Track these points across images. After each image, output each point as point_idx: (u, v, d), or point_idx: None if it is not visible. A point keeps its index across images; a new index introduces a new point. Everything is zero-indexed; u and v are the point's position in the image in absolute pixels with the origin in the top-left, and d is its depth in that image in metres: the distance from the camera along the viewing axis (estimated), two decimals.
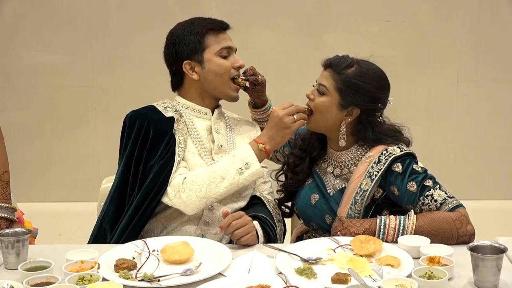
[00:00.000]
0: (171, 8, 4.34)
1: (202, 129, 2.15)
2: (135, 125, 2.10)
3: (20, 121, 4.54)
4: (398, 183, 1.98)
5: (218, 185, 2.00)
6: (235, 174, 2.00)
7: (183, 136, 2.10)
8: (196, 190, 1.99)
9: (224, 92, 2.15)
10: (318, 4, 4.35)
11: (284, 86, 4.25)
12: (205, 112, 2.17)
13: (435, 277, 1.60)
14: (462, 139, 4.45)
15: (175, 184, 2.01)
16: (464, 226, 1.89)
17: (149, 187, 2.02)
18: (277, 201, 2.27)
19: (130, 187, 2.08)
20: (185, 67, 2.13)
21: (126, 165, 2.09)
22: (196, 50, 2.12)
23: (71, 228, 3.94)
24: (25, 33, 4.42)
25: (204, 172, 2.02)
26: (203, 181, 2.00)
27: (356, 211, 2.01)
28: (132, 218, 2.03)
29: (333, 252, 1.86)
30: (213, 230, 2.10)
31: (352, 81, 2.01)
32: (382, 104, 2.06)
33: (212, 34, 2.13)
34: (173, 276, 1.70)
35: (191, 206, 2.00)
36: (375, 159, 2.00)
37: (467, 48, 4.33)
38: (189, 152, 2.10)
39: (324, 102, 2.03)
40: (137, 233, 2.03)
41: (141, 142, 2.08)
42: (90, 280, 1.61)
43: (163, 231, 2.08)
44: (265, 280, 1.64)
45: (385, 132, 2.06)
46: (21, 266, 1.68)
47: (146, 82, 4.25)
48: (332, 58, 2.06)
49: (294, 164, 2.19)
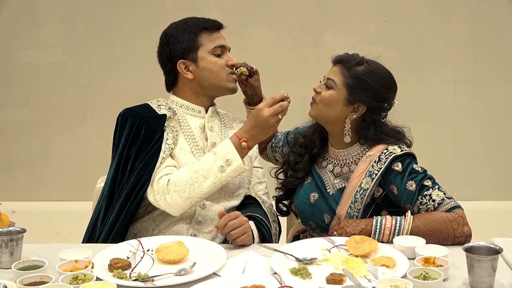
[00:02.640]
0: (168, 7, 4.34)
1: (196, 127, 2.15)
2: (127, 123, 2.10)
3: (17, 120, 4.54)
4: (397, 182, 1.99)
5: (201, 184, 1.99)
6: (217, 172, 1.99)
7: (173, 133, 2.10)
8: (180, 191, 1.99)
9: (221, 86, 2.15)
10: (316, 4, 4.34)
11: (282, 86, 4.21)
12: (199, 110, 2.17)
13: (430, 278, 1.59)
14: (460, 139, 4.45)
15: (160, 186, 2.00)
16: (460, 227, 1.89)
17: (132, 183, 2.03)
18: (275, 198, 2.27)
19: (118, 184, 2.08)
20: (180, 66, 2.13)
21: (118, 163, 2.10)
22: (190, 48, 2.12)
23: (68, 227, 3.93)
24: (22, 32, 4.41)
25: (186, 172, 2.01)
26: (185, 182, 1.99)
27: (355, 210, 2.01)
28: (118, 216, 2.03)
29: (328, 252, 1.85)
30: (205, 229, 2.10)
31: (361, 77, 2.02)
32: (388, 104, 2.07)
33: (206, 33, 2.14)
34: (167, 276, 1.69)
35: (176, 207, 2.00)
36: (376, 158, 2.01)
37: (465, 49, 4.33)
38: (180, 150, 2.10)
39: (332, 94, 2.04)
40: (124, 230, 2.03)
41: (132, 140, 2.08)
42: (83, 279, 1.61)
43: (155, 230, 2.08)
44: (259, 280, 1.64)
45: (387, 133, 2.07)
46: (14, 265, 1.67)
47: (143, 81, 4.24)
48: (342, 54, 2.08)
49: (294, 162, 2.19)
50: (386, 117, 2.10)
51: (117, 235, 2.01)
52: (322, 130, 2.15)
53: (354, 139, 2.09)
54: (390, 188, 2.01)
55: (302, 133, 2.22)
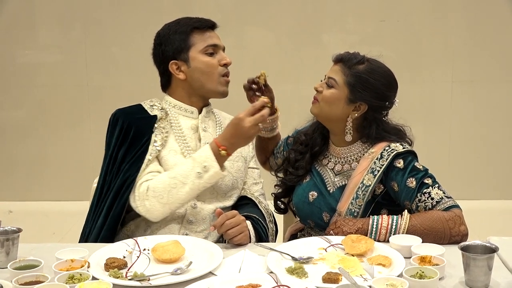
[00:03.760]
0: (166, 7, 4.33)
1: (187, 127, 2.14)
2: (118, 124, 2.10)
3: (14, 120, 4.53)
4: (398, 178, 1.99)
5: (180, 190, 1.98)
6: (195, 178, 1.97)
7: (162, 134, 2.09)
8: (158, 197, 1.98)
9: (212, 88, 2.13)
10: (314, 4, 4.34)
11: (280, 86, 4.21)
12: (192, 111, 2.16)
13: (426, 277, 1.59)
14: (457, 139, 4.45)
15: (141, 192, 2.00)
16: (457, 226, 1.89)
17: (118, 185, 2.03)
18: (273, 196, 2.27)
19: (106, 185, 2.08)
20: (172, 67, 2.12)
21: (107, 164, 2.10)
22: (181, 49, 2.10)
23: (65, 226, 3.93)
24: (19, 32, 4.40)
25: (165, 178, 2.00)
26: (164, 188, 1.98)
27: (357, 206, 2.02)
28: (105, 217, 2.03)
29: (325, 251, 1.85)
30: (197, 228, 2.09)
31: (362, 76, 2.03)
32: (390, 103, 2.08)
33: (198, 32, 2.12)
34: (163, 275, 1.69)
35: (155, 213, 2.00)
36: (378, 155, 2.02)
37: (462, 48, 4.33)
38: (170, 152, 2.08)
39: (333, 93, 2.04)
40: (111, 232, 2.03)
41: (121, 141, 2.08)
42: (79, 279, 1.61)
43: (147, 230, 2.07)
44: (256, 279, 1.64)
45: (389, 131, 2.08)
46: (10, 265, 1.67)
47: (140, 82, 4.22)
48: (343, 53, 2.09)
49: (295, 159, 2.19)
50: (387, 115, 2.11)
51: (105, 237, 2.01)
52: (323, 128, 2.16)
53: (355, 137, 2.09)
54: (391, 184, 2.02)
55: (303, 131, 2.23)
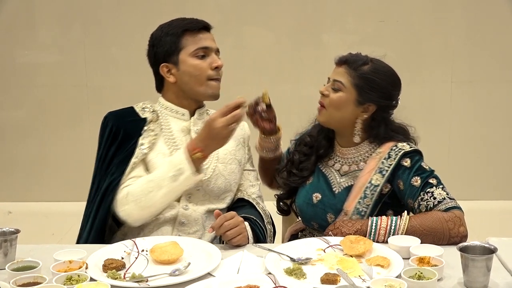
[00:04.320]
0: (166, 8, 4.32)
1: (177, 130, 2.12)
2: (107, 127, 2.10)
3: (14, 120, 4.53)
4: (404, 177, 2.00)
5: (157, 194, 1.97)
6: (170, 181, 1.96)
7: (150, 137, 2.08)
8: (137, 201, 1.97)
9: (201, 92, 2.09)
10: (314, 4, 4.34)
11: (279, 86, 4.24)
12: (183, 113, 2.14)
13: (425, 278, 1.59)
14: (456, 139, 4.45)
15: (121, 197, 2.00)
16: (456, 227, 1.89)
17: (104, 188, 2.03)
18: (276, 197, 2.27)
19: (96, 188, 2.08)
20: (162, 70, 2.10)
21: (97, 166, 2.11)
22: (171, 51, 2.07)
23: (64, 227, 3.92)
24: (19, 32, 4.40)
25: (143, 182, 1.99)
26: (142, 191, 1.97)
27: (364, 206, 2.02)
28: (93, 220, 2.03)
29: (323, 252, 1.85)
30: (190, 229, 2.08)
31: (369, 77, 2.03)
32: (395, 102, 2.09)
33: (190, 34, 2.08)
34: (161, 276, 1.69)
35: (135, 217, 1.99)
36: (385, 155, 2.03)
37: (462, 49, 4.33)
38: (158, 155, 2.07)
39: (341, 97, 2.04)
40: (99, 235, 2.03)
41: (110, 144, 2.08)
42: (77, 280, 1.60)
43: (140, 233, 2.06)
44: (254, 280, 1.64)
45: (397, 130, 2.09)
46: (8, 266, 1.66)
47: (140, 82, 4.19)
48: (346, 55, 2.08)
49: (299, 161, 2.18)
50: (393, 114, 2.12)
51: (95, 238, 2.01)
52: (328, 130, 2.15)
53: (363, 137, 2.10)
54: (397, 183, 2.02)
55: (307, 133, 2.22)
